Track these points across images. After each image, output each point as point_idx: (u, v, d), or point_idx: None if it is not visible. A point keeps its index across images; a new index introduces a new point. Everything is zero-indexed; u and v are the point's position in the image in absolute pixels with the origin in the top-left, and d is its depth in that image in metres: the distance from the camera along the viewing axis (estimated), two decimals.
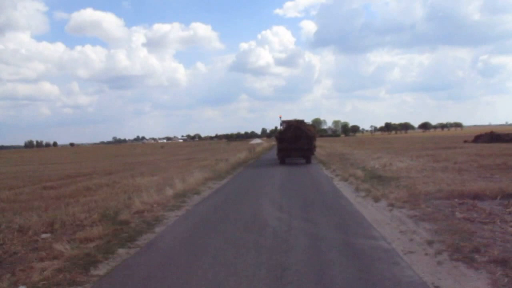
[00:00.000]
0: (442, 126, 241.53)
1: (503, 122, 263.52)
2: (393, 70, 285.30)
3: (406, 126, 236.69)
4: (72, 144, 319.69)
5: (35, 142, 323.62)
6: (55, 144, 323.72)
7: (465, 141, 47.02)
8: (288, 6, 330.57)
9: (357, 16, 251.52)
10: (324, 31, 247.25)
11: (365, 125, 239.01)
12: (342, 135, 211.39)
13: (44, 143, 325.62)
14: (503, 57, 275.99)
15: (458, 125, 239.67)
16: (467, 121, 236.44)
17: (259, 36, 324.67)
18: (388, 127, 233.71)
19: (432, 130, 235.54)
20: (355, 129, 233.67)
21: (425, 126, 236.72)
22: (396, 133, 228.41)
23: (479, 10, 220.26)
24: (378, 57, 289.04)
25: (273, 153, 36.14)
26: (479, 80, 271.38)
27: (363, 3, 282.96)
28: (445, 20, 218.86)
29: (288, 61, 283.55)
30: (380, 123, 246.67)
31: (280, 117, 28.32)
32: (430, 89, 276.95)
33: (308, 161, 26.73)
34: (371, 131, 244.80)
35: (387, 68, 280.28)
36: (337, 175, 18.86)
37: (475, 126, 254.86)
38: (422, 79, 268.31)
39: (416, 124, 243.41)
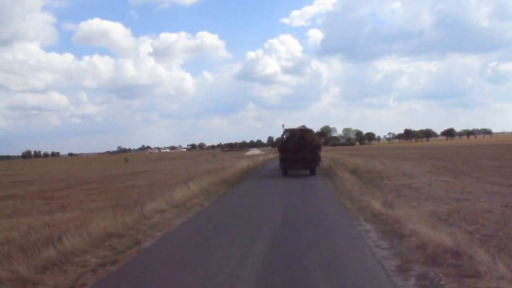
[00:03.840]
0: (468, 133, 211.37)
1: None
2: (401, 77, 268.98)
3: (428, 133, 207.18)
4: (71, 154, 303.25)
5: (33, 152, 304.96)
6: (53, 154, 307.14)
7: None
8: (295, 15, 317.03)
9: (364, 24, 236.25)
10: (330, 39, 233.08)
11: (377, 132, 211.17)
12: (357, 144, 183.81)
13: (42, 153, 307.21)
14: None
15: (487, 132, 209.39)
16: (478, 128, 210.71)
17: (266, 45, 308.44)
18: (407, 134, 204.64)
19: (457, 137, 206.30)
20: (371, 136, 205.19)
21: (449, 133, 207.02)
22: (416, 141, 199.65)
23: (488, 17, 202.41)
24: (385, 65, 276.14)
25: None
26: (488, 87, 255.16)
27: (369, 11, 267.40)
28: (453, 26, 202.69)
29: (295, 70, 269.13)
30: (388, 131, 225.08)
31: (283, 125, 24.51)
32: (439, 97, 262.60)
33: (312, 172, 23.14)
34: (388, 138, 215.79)
35: (395, 76, 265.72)
36: None
37: (500, 133, 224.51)
38: (430, 87, 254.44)
39: (438, 130, 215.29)
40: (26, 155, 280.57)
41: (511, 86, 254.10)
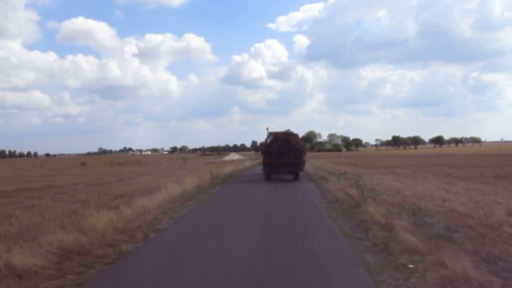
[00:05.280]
0: (457, 141, 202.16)
1: (498, 139, 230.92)
2: (385, 85, 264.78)
3: (416, 141, 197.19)
4: (48, 155, 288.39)
5: (7, 152, 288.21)
6: (29, 154, 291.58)
7: None
8: (281, 20, 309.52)
9: (350, 31, 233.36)
10: (316, 45, 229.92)
11: (363, 138, 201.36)
12: (344, 150, 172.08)
13: (17, 153, 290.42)
14: (494, 74, 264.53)
15: (476, 140, 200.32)
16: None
17: (252, 49, 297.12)
18: (396, 141, 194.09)
19: (446, 145, 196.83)
20: (357, 143, 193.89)
21: (438, 140, 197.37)
22: (404, 148, 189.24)
23: (471, 27, 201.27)
24: (370, 72, 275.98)
25: None
26: (470, 97, 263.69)
27: (355, 18, 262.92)
28: (437, 36, 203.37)
29: (281, 75, 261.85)
30: (371, 137, 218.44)
31: (267, 129, 23.29)
32: (421, 105, 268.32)
33: (296, 177, 22.06)
34: (376, 145, 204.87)
35: (379, 84, 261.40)
36: None
37: (487, 142, 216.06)
38: (413, 95, 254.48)
39: (426, 138, 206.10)
40: (1, 155, 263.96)
41: (492, 96, 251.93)
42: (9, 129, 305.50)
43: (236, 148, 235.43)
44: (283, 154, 21.13)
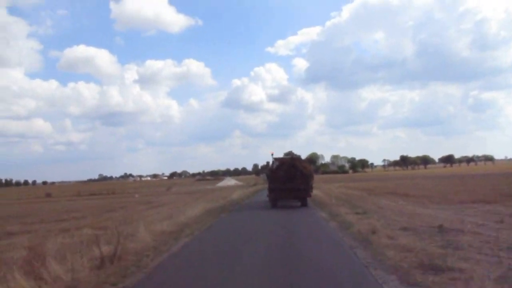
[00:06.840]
0: (468, 160, 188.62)
1: (501, 157, 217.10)
2: (385, 106, 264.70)
3: (425, 160, 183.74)
4: (45, 183, 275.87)
5: (4, 181, 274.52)
6: (26, 182, 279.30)
7: None
8: (280, 44, 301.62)
9: (348, 53, 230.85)
10: (315, 68, 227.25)
11: (366, 159, 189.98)
12: (350, 172, 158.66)
13: (14, 181, 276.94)
14: (493, 92, 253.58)
15: (488, 158, 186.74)
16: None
17: (251, 73, 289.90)
18: (404, 161, 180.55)
19: (456, 164, 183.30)
20: (364, 163, 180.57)
21: (448, 159, 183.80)
22: (413, 168, 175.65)
23: (468, 47, 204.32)
24: (369, 93, 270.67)
25: None
26: (470, 116, 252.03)
27: (353, 41, 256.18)
28: (435, 56, 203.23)
29: (281, 98, 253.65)
30: (374, 158, 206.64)
31: (272, 154, 22.48)
32: (422, 125, 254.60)
33: (303, 203, 21.08)
34: (383, 166, 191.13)
35: (379, 104, 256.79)
36: None
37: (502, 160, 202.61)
38: (413, 115, 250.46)
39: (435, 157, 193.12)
40: None
41: (492, 114, 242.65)
42: (11, 158, 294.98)
43: (237, 172, 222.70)
44: (290, 179, 20.34)
